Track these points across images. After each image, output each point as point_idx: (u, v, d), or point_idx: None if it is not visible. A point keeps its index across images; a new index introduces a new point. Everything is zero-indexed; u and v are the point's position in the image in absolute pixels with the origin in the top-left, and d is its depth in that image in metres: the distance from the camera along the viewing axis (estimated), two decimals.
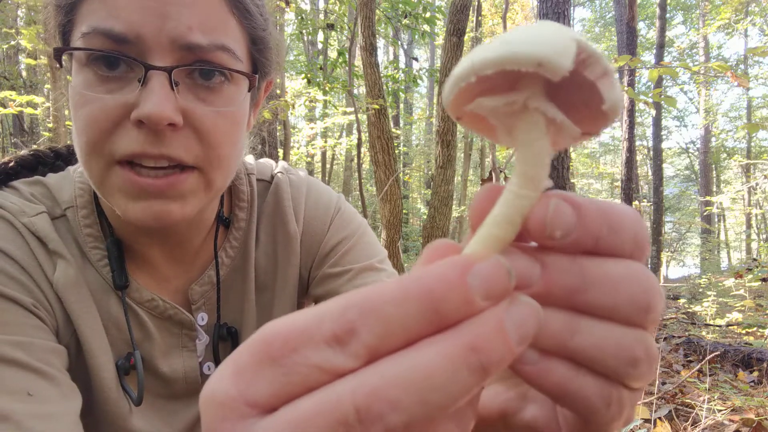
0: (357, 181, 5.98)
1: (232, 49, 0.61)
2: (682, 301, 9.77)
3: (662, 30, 6.71)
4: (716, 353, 3.89)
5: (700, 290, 9.87)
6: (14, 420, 0.52)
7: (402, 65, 11.66)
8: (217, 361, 0.76)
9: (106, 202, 0.65)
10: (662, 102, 4.26)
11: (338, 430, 0.20)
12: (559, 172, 5.75)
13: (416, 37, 7.65)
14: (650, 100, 3.41)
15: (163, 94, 0.56)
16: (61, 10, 0.61)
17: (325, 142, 11.00)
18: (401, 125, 15.77)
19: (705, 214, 14.43)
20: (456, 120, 0.29)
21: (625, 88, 4.12)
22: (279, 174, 0.84)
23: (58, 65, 0.61)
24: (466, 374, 0.21)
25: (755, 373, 3.78)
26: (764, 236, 18.73)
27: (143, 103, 0.56)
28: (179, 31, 0.57)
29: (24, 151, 0.79)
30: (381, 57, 8.40)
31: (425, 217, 6.31)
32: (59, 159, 0.81)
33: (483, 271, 0.23)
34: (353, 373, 0.22)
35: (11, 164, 0.75)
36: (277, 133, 8.22)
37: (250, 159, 0.86)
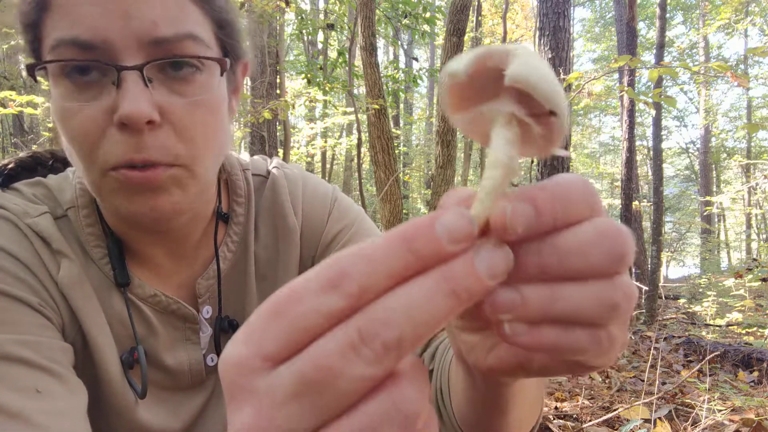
0: (357, 181, 5.99)
1: (200, 36, 0.62)
2: (682, 301, 9.77)
3: (662, 30, 6.71)
4: (716, 353, 3.89)
5: (700, 290, 9.87)
6: (24, 416, 0.53)
7: (402, 65, 11.67)
8: (219, 353, 0.78)
9: (105, 206, 0.66)
10: (662, 102, 4.26)
11: (348, 353, 0.25)
12: (559, 173, 5.75)
13: (416, 37, 7.65)
14: (650, 100, 3.42)
15: (137, 92, 0.57)
16: (27, 29, 0.61)
17: (325, 142, 11.00)
18: (401, 125, 15.76)
19: (705, 214, 14.42)
20: (481, 144, 0.35)
21: (626, 88, 4.12)
22: (275, 169, 0.85)
23: (33, 80, 0.62)
24: (440, 298, 0.26)
25: (755, 373, 3.78)
26: (764, 236, 18.72)
27: (121, 104, 0.57)
28: (144, 28, 0.57)
29: (23, 153, 0.80)
30: (381, 57, 8.40)
31: None
32: (57, 161, 0.83)
33: (446, 218, 0.27)
34: (351, 316, 0.26)
35: (11, 166, 0.77)
36: (277, 133, 8.23)
37: (245, 155, 0.88)
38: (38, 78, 0.62)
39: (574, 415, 2.70)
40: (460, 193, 0.32)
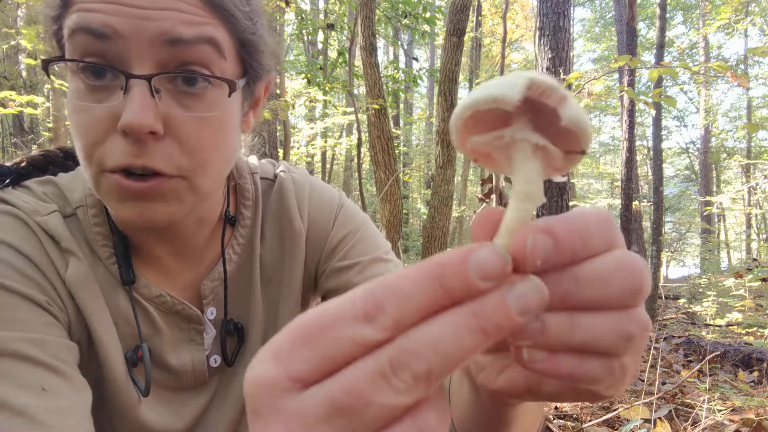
0: (357, 181, 5.99)
1: (219, 41, 0.61)
2: (682, 301, 9.76)
3: (662, 30, 6.70)
4: (716, 353, 3.89)
5: (700, 290, 9.86)
6: (29, 414, 0.54)
7: (402, 65, 11.66)
8: (224, 355, 0.78)
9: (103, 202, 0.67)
10: (662, 102, 4.26)
11: (379, 381, 0.26)
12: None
13: (416, 37, 7.65)
14: (650, 100, 3.42)
15: (142, 102, 0.57)
16: (52, 20, 0.62)
17: (325, 142, 11.01)
18: (401, 125, 15.76)
19: (705, 214, 14.41)
20: (472, 160, 0.35)
21: (626, 88, 4.12)
22: (282, 173, 0.86)
23: (46, 75, 0.63)
24: (469, 334, 0.26)
25: (755, 373, 3.78)
26: (764, 236, 18.70)
27: (124, 113, 0.57)
28: (161, 28, 0.57)
29: (34, 152, 0.80)
30: (381, 57, 8.40)
31: (425, 217, 6.31)
32: (69, 159, 0.83)
33: (479, 255, 0.27)
34: (383, 346, 0.26)
35: (23, 164, 0.77)
36: (277, 133, 8.23)
37: (253, 159, 0.88)
38: (50, 75, 0.63)
39: (574, 415, 2.70)
40: (491, 217, 0.32)
